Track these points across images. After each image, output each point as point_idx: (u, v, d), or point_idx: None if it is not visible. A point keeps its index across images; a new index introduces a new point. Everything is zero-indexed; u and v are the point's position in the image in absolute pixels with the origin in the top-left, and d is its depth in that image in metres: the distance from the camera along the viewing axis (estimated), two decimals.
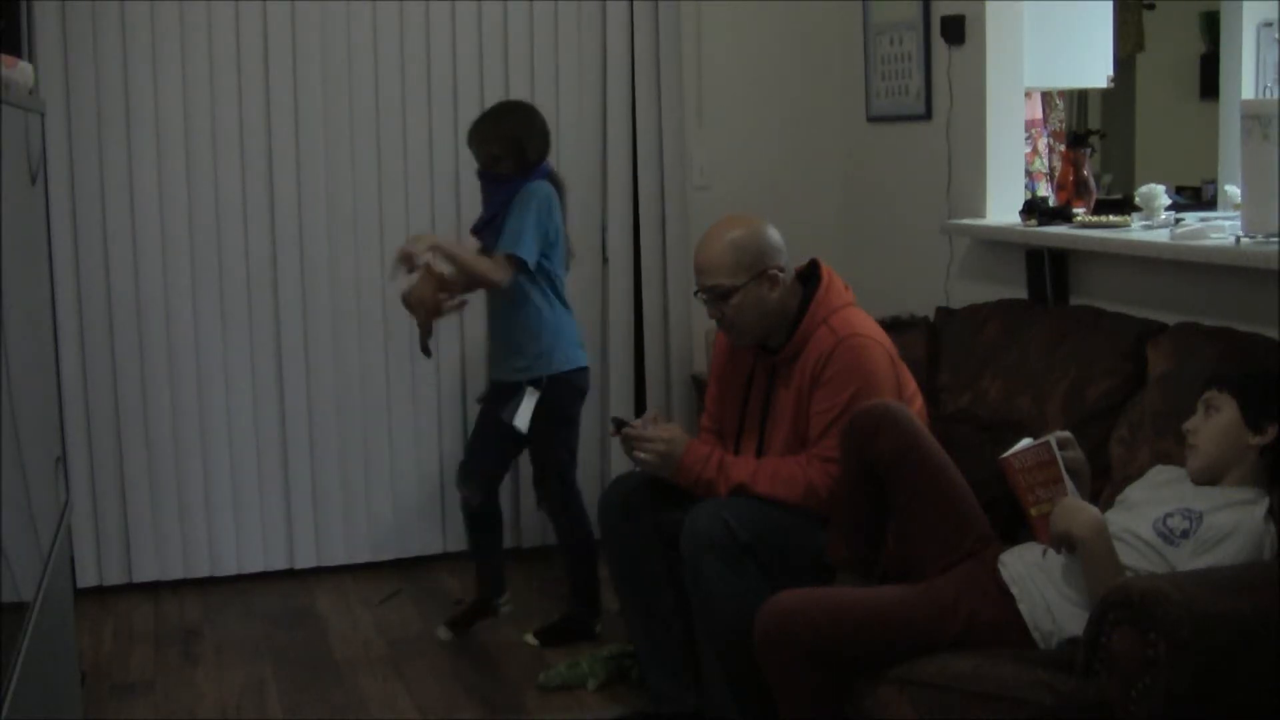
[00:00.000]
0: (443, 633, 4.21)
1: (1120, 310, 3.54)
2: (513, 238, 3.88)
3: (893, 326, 3.82)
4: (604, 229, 4.92)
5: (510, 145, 3.95)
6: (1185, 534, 2.64)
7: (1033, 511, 2.82)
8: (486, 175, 4.01)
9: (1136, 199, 3.78)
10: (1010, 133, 4.26)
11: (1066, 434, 2.92)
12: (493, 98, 4.79)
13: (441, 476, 4.87)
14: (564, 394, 4.04)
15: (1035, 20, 4.15)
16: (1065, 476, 2.80)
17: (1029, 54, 4.18)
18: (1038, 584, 2.77)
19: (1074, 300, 3.85)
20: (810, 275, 3.42)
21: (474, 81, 4.77)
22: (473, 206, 4.80)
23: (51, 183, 4.35)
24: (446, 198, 4.80)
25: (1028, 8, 4.16)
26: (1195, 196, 4.80)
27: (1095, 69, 4.24)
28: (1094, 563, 2.66)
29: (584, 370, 4.12)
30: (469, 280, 3.97)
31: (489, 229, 4.01)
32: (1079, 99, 6.02)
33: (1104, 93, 5.87)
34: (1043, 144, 4.51)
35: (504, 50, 4.78)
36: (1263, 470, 2.72)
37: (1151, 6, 6.23)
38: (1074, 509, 2.72)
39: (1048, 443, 2.83)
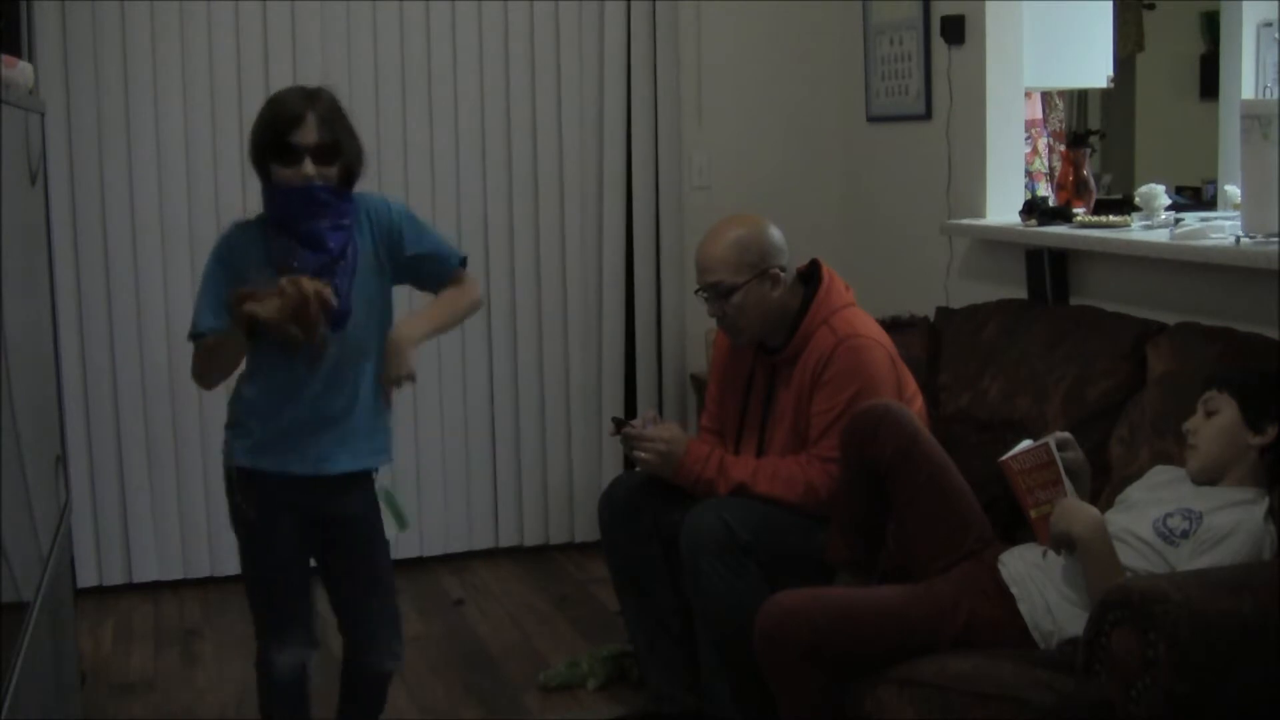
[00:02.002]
0: None
1: (1120, 310, 3.53)
2: (444, 244, 2.97)
3: (893, 326, 3.82)
4: (600, 228, 4.92)
5: (357, 149, 2.83)
6: (1185, 534, 2.64)
7: (1033, 513, 2.82)
8: (324, 196, 2.73)
9: (1136, 199, 3.78)
10: (1010, 133, 4.26)
11: (1066, 435, 2.92)
12: (493, 98, 4.80)
13: (443, 476, 4.88)
14: None
15: (1035, 20, 4.15)
16: (1065, 478, 2.80)
17: (1029, 54, 4.18)
18: (1038, 584, 2.77)
19: (1074, 300, 3.85)
20: (811, 275, 3.43)
21: (474, 82, 4.77)
22: (473, 206, 4.83)
23: (51, 183, 4.34)
24: (447, 197, 4.80)
25: (1028, 8, 4.16)
26: (1195, 196, 4.80)
27: (1095, 69, 4.24)
28: (1094, 563, 2.66)
29: None
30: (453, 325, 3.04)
31: (340, 268, 2.77)
32: (1079, 99, 6.02)
33: (1104, 93, 5.87)
34: (1043, 144, 4.51)
35: (504, 50, 4.78)
36: (1263, 470, 2.72)
37: (1151, 6, 6.23)
38: (1074, 509, 2.72)
39: (1046, 444, 2.83)
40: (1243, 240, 3.15)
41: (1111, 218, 3.72)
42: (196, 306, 2.79)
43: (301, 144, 2.71)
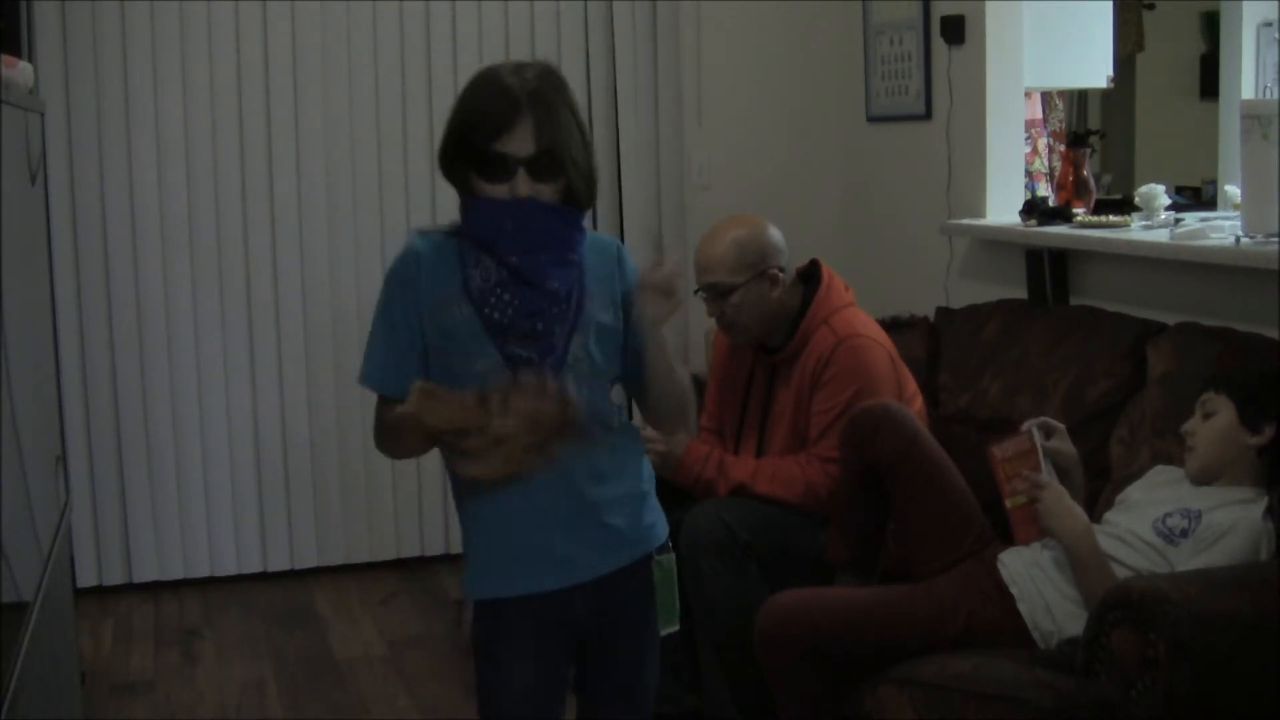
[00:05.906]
0: None
1: (1120, 310, 3.54)
2: None
3: (893, 326, 3.82)
4: (597, 228, 4.93)
5: (589, 161, 2.14)
6: (1185, 533, 2.65)
7: (1009, 503, 2.84)
8: (546, 219, 2.10)
9: (1136, 199, 3.78)
10: (1010, 133, 4.26)
11: (1058, 425, 2.93)
12: None
13: (443, 475, 4.87)
14: None
15: (1035, 20, 4.15)
16: (1044, 464, 2.81)
17: (1029, 54, 4.18)
18: (1038, 584, 2.77)
19: (1074, 300, 3.85)
20: (810, 275, 3.43)
21: None
22: None
23: (51, 183, 4.35)
24: (449, 197, 4.78)
25: (1028, 8, 4.16)
26: (1195, 196, 4.79)
27: (1095, 69, 4.24)
28: (1079, 567, 2.69)
29: None
30: None
31: (559, 313, 2.09)
32: (1079, 99, 6.02)
33: (1104, 93, 5.87)
34: (1043, 144, 4.51)
35: (504, 50, 4.78)
36: (1261, 470, 2.72)
37: (1151, 6, 6.22)
38: (1059, 511, 2.73)
39: (1029, 431, 2.85)
40: (1243, 240, 3.15)
41: (1111, 218, 3.72)
42: (367, 347, 2.15)
43: (513, 156, 2.06)
